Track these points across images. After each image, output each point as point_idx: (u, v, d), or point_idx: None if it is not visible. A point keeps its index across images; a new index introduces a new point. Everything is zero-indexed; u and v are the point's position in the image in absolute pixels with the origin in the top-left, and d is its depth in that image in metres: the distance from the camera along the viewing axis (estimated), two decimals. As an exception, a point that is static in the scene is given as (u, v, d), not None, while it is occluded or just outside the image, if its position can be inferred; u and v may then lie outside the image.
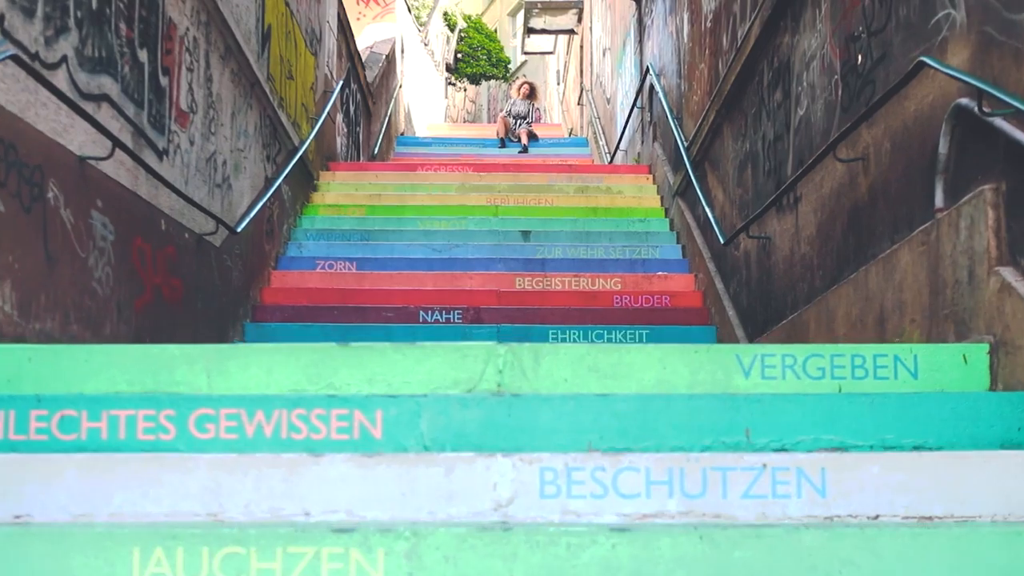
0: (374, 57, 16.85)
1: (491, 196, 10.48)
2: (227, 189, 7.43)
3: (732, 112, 7.76)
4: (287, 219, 9.52)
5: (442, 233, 9.61)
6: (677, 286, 8.79)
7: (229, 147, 7.47)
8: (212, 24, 6.98)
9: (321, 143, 11.15)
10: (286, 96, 9.37)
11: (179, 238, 6.30)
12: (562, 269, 8.98)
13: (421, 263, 9.01)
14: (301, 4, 10.09)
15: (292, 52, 9.65)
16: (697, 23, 9.17)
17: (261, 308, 8.12)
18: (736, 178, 7.67)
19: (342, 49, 12.68)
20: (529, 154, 18.31)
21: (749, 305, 7.25)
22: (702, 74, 8.94)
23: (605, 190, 10.83)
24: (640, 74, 12.62)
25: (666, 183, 10.55)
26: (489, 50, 35.35)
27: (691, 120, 9.45)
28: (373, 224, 9.85)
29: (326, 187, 10.74)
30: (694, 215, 9.31)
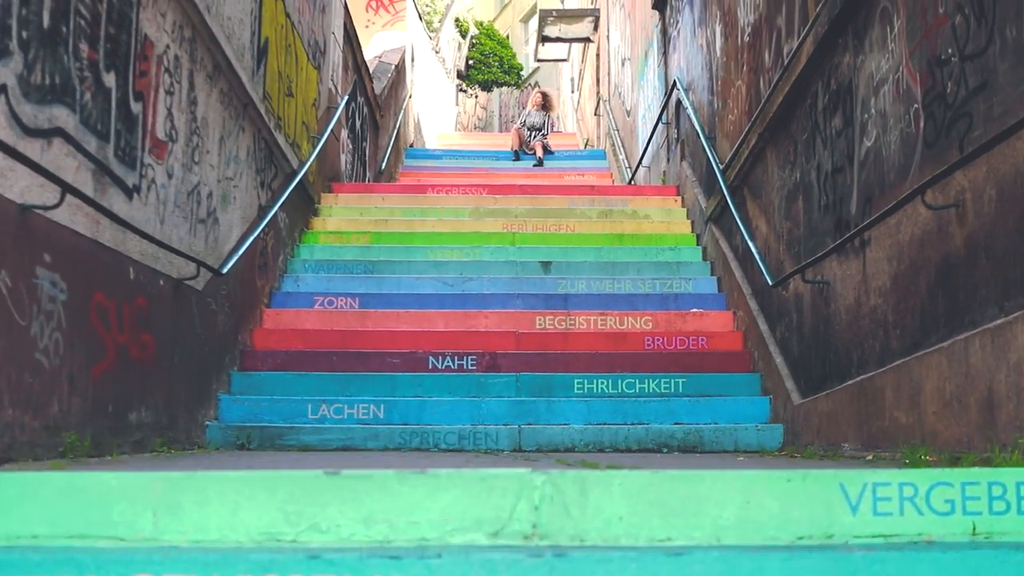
0: (382, 67, 16.07)
1: (508, 222, 9.67)
2: (213, 223, 6.64)
3: (778, 136, 6.94)
4: (284, 249, 8.72)
5: (454, 264, 8.81)
6: (714, 325, 7.97)
7: (216, 176, 6.67)
8: (198, 40, 6.20)
9: (324, 163, 10.36)
10: (285, 115, 8.59)
11: (152, 286, 5.51)
12: (587, 306, 8.16)
13: (431, 299, 8.20)
14: (304, 15, 9.31)
15: (292, 67, 8.86)
16: (732, 36, 8.36)
17: (251, 353, 7.32)
18: (783, 209, 6.85)
19: (348, 61, 11.90)
20: (544, 167, 17.53)
21: (801, 354, 6.42)
22: (739, 92, 8.12)
23: (631, 214, 10.02)
24: (665, 87, 11.81)
25: (697, 206, 9.73)
26: (501, 57, 34.59)
27: (726, 141, 8.63)
28: (378, 254, 9.04)
29: (328, 211, 9.94)
30: (730, 244, 8.49)
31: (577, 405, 6.78)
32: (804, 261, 6.31)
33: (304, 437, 6.38)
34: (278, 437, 6.39)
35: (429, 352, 7.35)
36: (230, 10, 6.89)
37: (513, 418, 6.72)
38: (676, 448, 6.44)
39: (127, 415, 5.19)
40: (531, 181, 16.13)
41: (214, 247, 6.66)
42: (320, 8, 10.03)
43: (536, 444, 6.41)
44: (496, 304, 8.16)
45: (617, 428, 6.52)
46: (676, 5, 11.16)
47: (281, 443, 6.37)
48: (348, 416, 6.68)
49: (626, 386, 7.06)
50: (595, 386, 7.05)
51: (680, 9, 10.91)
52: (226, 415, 6.68)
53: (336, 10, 10.82)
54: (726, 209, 8.40)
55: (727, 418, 6.79)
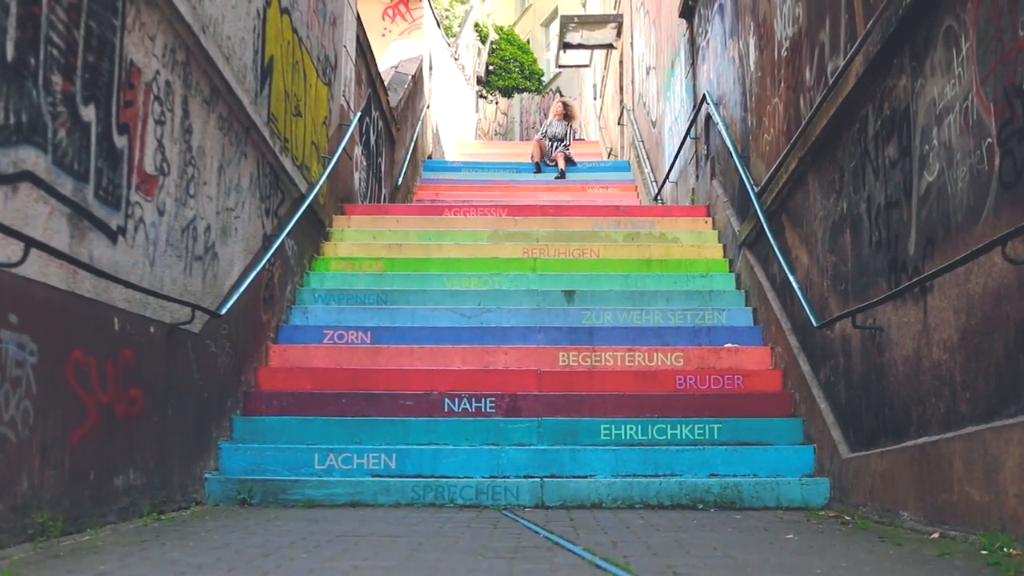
0: (399, 78, 15.60)
1: (528, 247, 9.16)
2: (212, 259, 6.16)
3: (821, 162, 6.41)
4: (292, 278, 8.25)
5: (472, 294, 8.30)
6: (750, 362, 7.44)
7: (215, 208, 6.20)
8: (192, 64, 5.73)
9: (335, 183, 9.89)
10: (292, 136, 8.11)
11: (141, 336, 5.03)
12: (613, 341, 7.65)
13: (447, 333, 7.70)
14: (313, 29, 8.84)
15: (300, 85, 8.39)
16: (768, 50, 7.83)
17: (255, 396, 6.84)
18: (827, 241, 6.32)
19: (361, 74, 11.43)
20: (566, 179, 17.03)
21: (849, 402, 5.89)
22: (776, 110, 7.59)
23: (659, 237, 9.49)
24: (693, 100, 11.28)
25: (729, 229, 9.20)
26: (522, 62, 34.11)
27: (761, 162, 8.10)
28: (392, 283, 8.55)
29: (339, 236, 9.46)
30: (767, 273, 7.96)
31: (604, 454, 6.26)
32: (852, 300, 5.79)
33: (310, 491, 5.89)
34: (282, 492, 5.91)
35: (445, 393, 6.86)
36: (229, 29, 6.42)
37: (535, 468, 6.21)
38: (712, 504, 5.92)
39: (112, 480, 4.71)
40: (553, 196, 15.66)
41: (213, 284, 6.18)
42: (330, 21, 9.56)
43: (560, 499, 5.90)
44: (516, 339, 7.66)
45: (648, 481, 6.01)
46: (705, 14, 10.64)
47: (285, 498, 5.89)
48: (358, 467, 6.19)
49: (657, 432, 6.54)
50: (623, 432, 6.53)
51: (709, 19, 10.39)
52: (227, 465, 6.20)
53: (348, 22, 10.35)
54: (761, 235, 7.88)
55: (767, 469, 6.27)
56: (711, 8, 10.27)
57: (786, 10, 7.25)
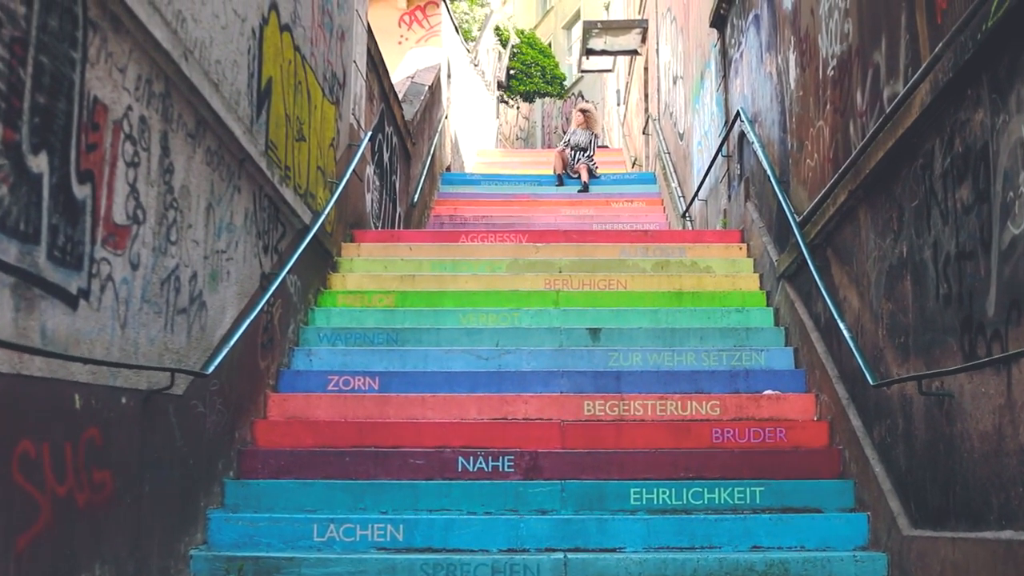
0: (415, 89, 15.00)
1: (550, 278, 8.51)
2: (199, 309, 5.56)
3: (875, 197, 5.75)
4: (295, 317, 7.64)
5: (489, 332, 7.67)
6: (793, 410, 6.78)
7: (202, 253, 5.60)
8: (173, 95, 5.13)
9: (344, 208, 9.29)
10: (294, 163, 7.51)
11: (110, 410, 4.44)
12: (643, 387, 7.00)
13: (462, 379, 7.08)
14: (318, 45, 8.24)
15: (304, 107, 7.79)
16: (811, 68, 7.17)
17: (251, 454, 6.23)
18: (883, 286, 5.66)
19: (373, 90, 10.82)
20: (590, 193, 16.39)
21: (910, 470, 5.23)
22: (820, 134, 6.93)
23: (690, 266, 8.83)
24: (725, 115, 10.61)
25: (766, 258, 8.53)
26: (543, 66, 33.46)
27: (803, 188, 7.44)
28: (403, 320, 7.93)
29: (348, 266, 8.85)
30: (809, 311, 7.29)
31: (634, 524, 5.62)
32: (914, 358, 5.13)
33: (306, 571, 5.28)
34: (275, 570, 5.30)
35: (459, 450, 6.24)
36: (219, 52, 5.82)
37: (558, 540, 5.58)
38: (757, 585, 5.27)
39: (72, 579, 4.12)
40: (576, 211, 15.09)
41: (200, 338, 5.58)
42: (338, 35, 8.96)
43: (586, 579, 5.27)
44: (537, 384, 7.03)
45: (684, 557, 5.36)
46: (738, 24, 9.98)
47: (278, 578, 5.28)
48: (361, 539, 5.58)
49: (692, 496, 5.90)
50: (655, 496, 5.89)
51: (743, 29, 9.72)
52: (217, 537, 5.60)
53: (357, 35, 9.74)
54: (803, 268, 7.22)
55: (816, 539, 5.62)
56: (745, 18, 9.61)
57: (833, 25, 6.59)
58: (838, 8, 6.46)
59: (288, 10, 7.31)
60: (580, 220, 14.79)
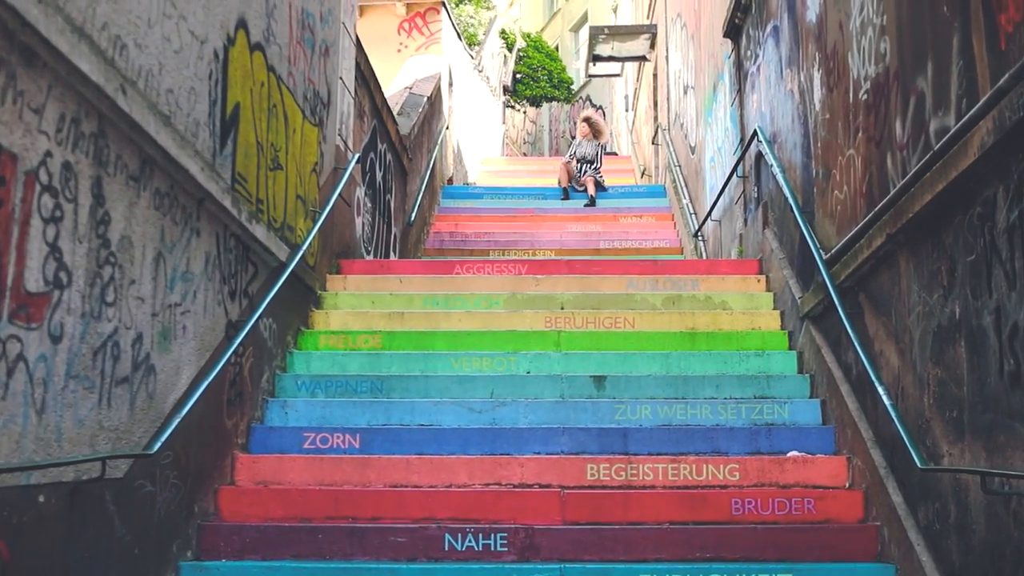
0: (413, 101, 14.29)
1: (551, 316, 7.78)
2: (145, 375, 4.86)
3: (919, 244, 5.02)
4: (270, 364, 6.93)
5: (483, 381, 6.95)
6: (822, 476, 6.05)
7: (149, 310, 4.90)
8: (109, 134, 4.43)
9: (329, 237, 8.58)
10: (269, 195, 6.81)
11: (21, 514, 3.74)
12: (653, 446, 6.29)
13: (452, 437, 6.36)
14: (297, 63, 7.53)
15: (280, 132, 7.09)
16: (840, 89, 6.44)
17: (213, 529, 5.53)
18: (929, 347, 4.93)
19: (363, 106, 10.11)
20: (597, 207, 15.67)
21: (965, 568, 4.50)
22: (851, 164, 6.21)
23: (704, 301, 8.09)
24: (740, 132, 9.89)
25: (787, 293, 7.80)
26: (550, 70, 32.69)
27: (830, 222, 6.72)
28: (390, 364, 7.21)
29: (333, 302, 8.13)
30: (838, 359, 6.56)
31: (644, 621, 4.92)
32: (970, 439, 4.41)
33: None
34: None
35: (446, 525, 5.53)
36: (171, 80, 5.12)
37: (556, 638, 4.88)
38: None
39: None
40: (582, 226, 14.42)
41: (148, 407, 4.89)
42: (321, 51, 8.25)
43: None
44: (535, 443, 6.32)
45: (701, 663, 4.65)
46: (755, 36, 9.25)
47: None
48: (331, 637, 4.87)
49: (710, 583, 5.18)
50: (668, 583, 5.18)
51: (760, 41, 9.00)
52: (165, 635, 4.90)
53: (344, 49, 9.03)
54: (831, 311, 6.51)
55: (854, 639, 4.90)
56: (762, 29, 8.88)
57: (866, 44, 5.86)
58: (872, 25, 5.73)
59: (260, 27, 6.61)
60: (586, 237, 14.13)
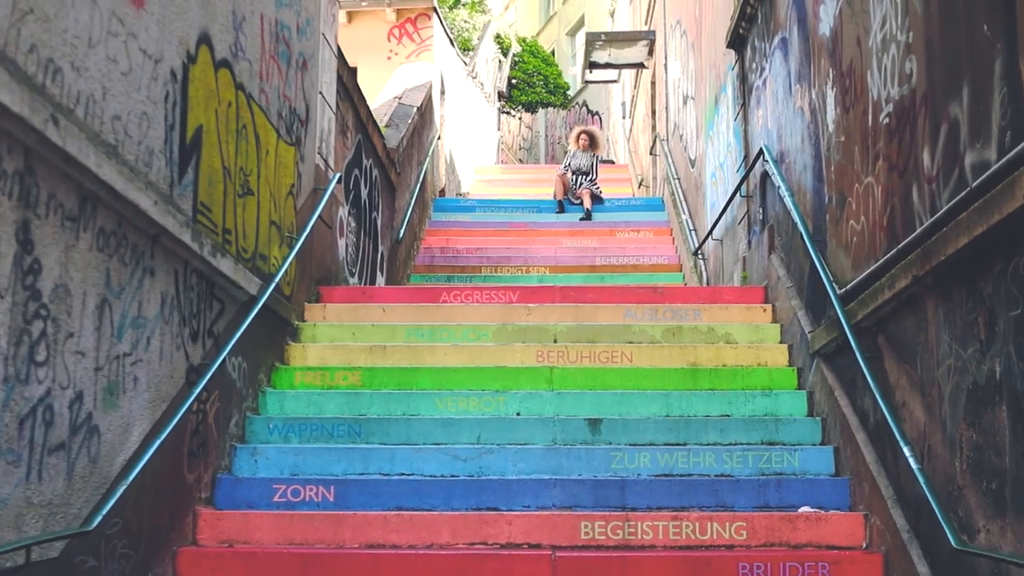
0: (402, 111, 13.77)
1: (543, 349, 7.25)
2: (87, 439, 4.34)
3: (952, 291, 4.51)
4: (239, 406, 6.41)
5: (469, 424, 6.43)
6: (837, 535, 5.53)
7: (92, 364, 4.38)
8: (39, 171, 3.91)
9: (308, 262, 8.06)
10: (238, 224, 6.29)
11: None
12: (653, 500, 5.77)
13: (434, 489, 5.85)
14: (271, 79, 7.01)
15: (251, 154, 6.57)
16: (857, 110, 5.93)
17: (166, 603, 5.01)
18: (963, 407, 4.41)
19: (347, 121, 9.59)
20: (593, 221, 15.17)
21: (1006, 661, 3.99)
22: (869, 193, 5.70)
23: (706, 333, 7.57)
24: (743, 147, 9.38)
25: (795, 325, 7.28)
26: (546, 75, 32.20)
27: (844, 254, 6.21)
28: (370, 405, 6.69)
29: (311, 334, 7.60)
30: (854, 404, 6.05)
31: None
32: (1013, 516, 3.89)
33: None
34: None
35: (426, 594, 5.01)
36: (119, 105, 4.60)
37: None
38: None
39: None
40: (577, 242, 13.97)
41: (89, 473, 4.37)
42: (298, 65, 7.72)
43: None
44: (525, 496, 5.80)
45: None
46: (760, 47, 8.74)
47: None
48: None
49: (718, 667, 4.66)
50: (671, 667, 4.65)
51: (766, 54, 8.48)
52: None
53: (324, 62, 8.51)
54: (845, 350, 6.00)
55: None
56: (768, 41, 8.37)
57: (888, 63, 5.35)
58: (896, 42, 5.22)
59: (225, 42, 6.09)
60: (582, 253, 13.66)
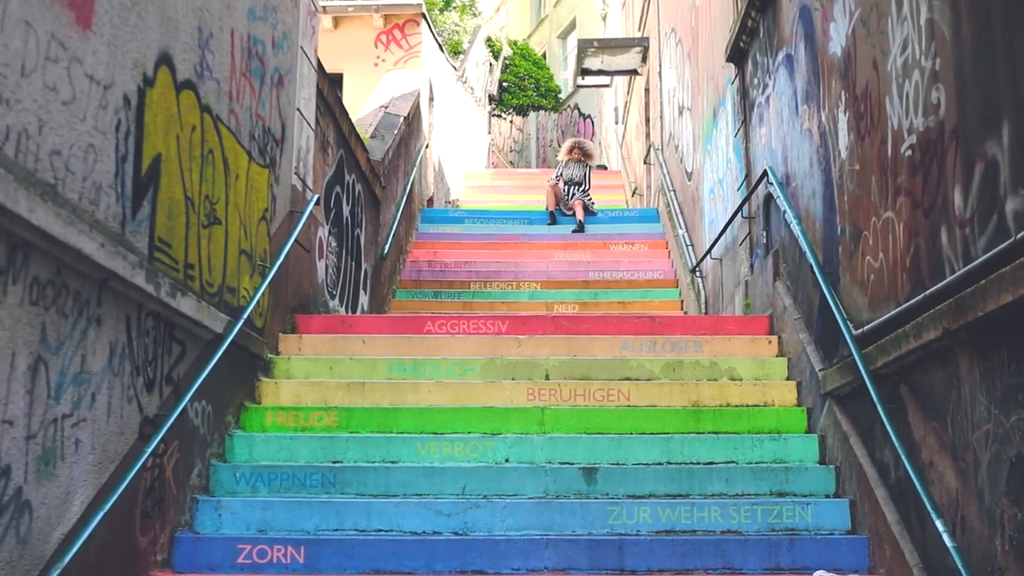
0: (388, 121, 13.27)
1: (533, 387, 6.75)
2: (15, 517, 3.85)
3: (991, 349, 4.04)
4: (203, 454, 5.91)
5: (453, 473, 5.93)
6: (855, 605, 5.06)
7: (22, 433, 3.89)
8: (-40, 216, 3.41)
9: (283, 290, 7.56)
10: (203, 257, 5.79)
11: None
12: (655, 562, 5.29)
13: (414, 549, 5.35)
14: (241, 98, 6.52)
15: (218, 181, 6.07)
16: (873, 137, 5.46)
17: None
18: (1004, 478, 3.94)
19: (327, 137, 9.09)
20: (586, 234, 14.71)
21: None
22: (889, 229, 5.23)
23: (709, 368, 7.09)
24: (745, 167, 8.90)
25: (804, 361, 6.80)
26: (537, 79, 31.70)
27: (859, 291, 5.73)
28: (346, 450, 6.19)
29: (284, 368, 7.09)
30: (872, 455, 5.57)
31: None
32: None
33: None
34: None
35: None
36: (59, 139, 4.10)
37: None
38: None
39: None
40: (569, 255, 13.59)
41: (18, 556, 3.87)
42: (273, 82, 7.23)
43: None
44: (514, 557, 5.31)
45: None
46: (763, 62, 8.26)
47: None
48: None
49: None
50: None
51: (770, 69, 8.01)
52: None
53: (303, 77, 8.01)
54: (861, 395, 5.55)
55: None
56: (772, 56, 7.89)
57: (911, 90, 4.87)
58: (920, 68, 4.74)
59: (190, 62, 5.59)
60: (574, 267, 13.24)
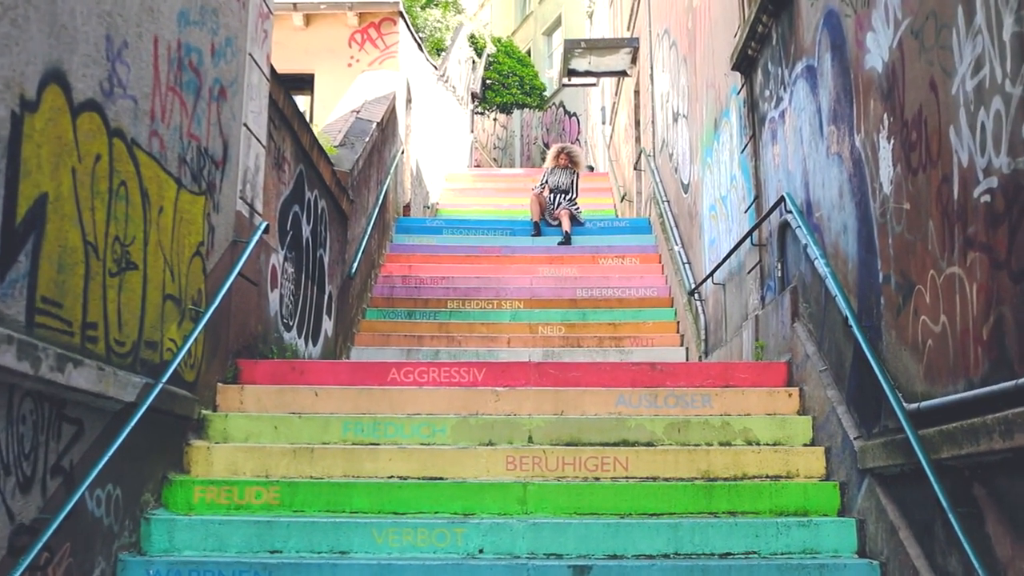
0: (359, 127, 12.19)
1: (514, 454, 5.68)
2: None
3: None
4: (106, 550, 4.83)
5: (415, 571, 4.86)
6: None
7: None
8: None
9: (223, 333, 6.49)
10: (108, 312, 4.73)
11: None
12: None
13: None
14: (167, 117, 5.44)
15: (133, 217, 5.01)
16: (932, 173, 4.43)
17: None
18: None
19: (284, 152, 8.02)
20: (573, 246, 13.70)
21: None
22: (956, 288, 4.21)
23: (720, 429, 6.05)
24: (754, 187, 7.87)
25: (832, 423, 5.78)
26: (521, 76, 30.67)
27: (911, 356, 4.72)
28: (286, 538, 5.12)
29: (222, 427, 6.01)
30: (931, 559, 4.54)
31: None
32: None
33: None
34: None
35: None
36: None
37: None
38: None
39: None
40: (555, 270, 12.71)
41: None
42: (212, 95, 6.15)
43: None
44: None
45: None
46: (776, 73, 7.23)
47: None
48: None
49: None
50: None
51: (785, 81, 6.98)
52: None
53: (252, 87, 6.93)
54: (915, 480, 4.54)
55: None
56: (788, 67, 6.87)
57: (989, 121, 3.84)
58: (1003, 94, 3.72)
59: (94, 78, 4.52)
60: (560, 284, 12.27)
